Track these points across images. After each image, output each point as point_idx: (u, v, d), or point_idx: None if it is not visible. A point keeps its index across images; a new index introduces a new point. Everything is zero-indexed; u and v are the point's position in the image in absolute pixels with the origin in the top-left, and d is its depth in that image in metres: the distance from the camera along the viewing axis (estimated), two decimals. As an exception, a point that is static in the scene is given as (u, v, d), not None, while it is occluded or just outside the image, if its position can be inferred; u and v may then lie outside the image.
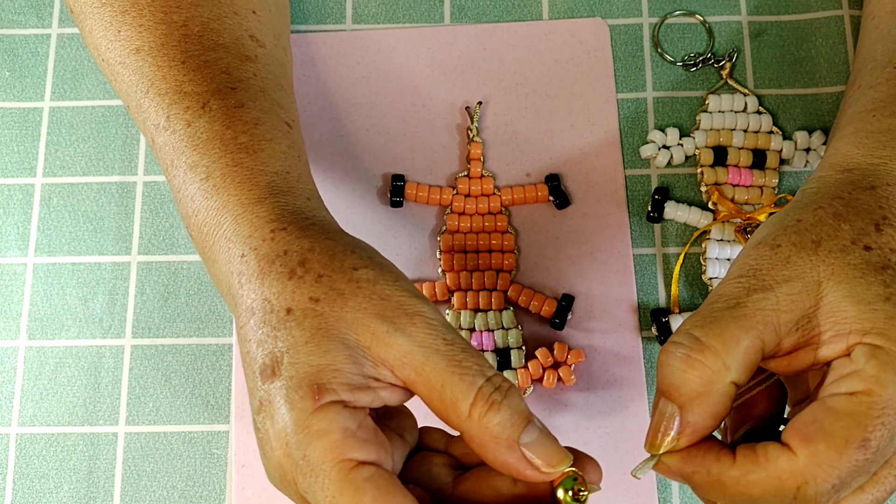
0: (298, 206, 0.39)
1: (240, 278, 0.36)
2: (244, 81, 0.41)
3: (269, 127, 0.41)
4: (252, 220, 0.37)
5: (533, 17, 0.55)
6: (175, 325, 0.51)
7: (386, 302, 0.35)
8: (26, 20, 0.56)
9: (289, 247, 0.36)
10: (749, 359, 0.34)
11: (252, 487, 0.48)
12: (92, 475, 0.49)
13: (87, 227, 0.52)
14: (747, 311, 0.34)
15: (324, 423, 0.33)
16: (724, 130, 0.53)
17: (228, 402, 0.50)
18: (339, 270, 0.35)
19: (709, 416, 0.34)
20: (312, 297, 0.35)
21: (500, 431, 0.33)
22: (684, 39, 0.55)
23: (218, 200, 0.39)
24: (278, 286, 0.35)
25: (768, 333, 0.34)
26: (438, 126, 0.53)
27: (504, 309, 0.50)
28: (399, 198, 0.51)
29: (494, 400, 0.33)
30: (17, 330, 0.51)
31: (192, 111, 0.40)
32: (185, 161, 0.40)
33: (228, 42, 0.42)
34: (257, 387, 0.35)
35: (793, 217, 0.37)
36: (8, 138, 0.54)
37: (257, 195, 0.38)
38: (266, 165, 0.39)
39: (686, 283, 0.51)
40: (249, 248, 0.37)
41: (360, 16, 0.55)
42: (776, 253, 0.36)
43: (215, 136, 0.40)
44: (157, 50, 0.42)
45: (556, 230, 0.51)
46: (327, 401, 0.33)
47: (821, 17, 0.55)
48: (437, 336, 0.34)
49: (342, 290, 0.35)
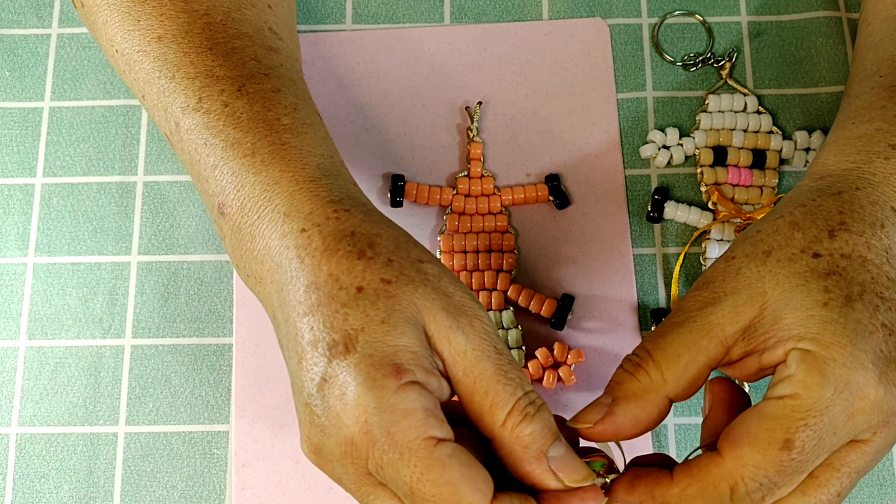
0: (351, 190, 0.39)
1: (299, 252, 0.36)
2: (274, 69, 0.41)
3: (308, 112, 0.41)
4: (311, 197, 0.37)
5: (533, 17, 0.55)
6: (175, 325, 0.51)
7: (450, 299, 0.35)
8: (26, 20, 0.56)
9: (356, 228, 0.36)
10: (690, 373, 0.36)
11: (252, 487, 0.48)
12: (92, 475, 0.49)
13: (87, 227, 0.52)
14: (694, 326, 0.36)
15: (407, 403, 0.33)
16: (723, 130, 0.53)
17: (228, 402, 0.50)
18: (407, 259, 0.36)
19: (632, 416, 0.36)
20: (384, 279, 0.35)
21: (531, 442, 0.34)
22: (684, 39, 0.55)
23: (268, 175, 0.38)
24: (347, 264, 0.35)
25: (713, 347, 0.36)
26: (438, 126, 0.53)
27: (504, 309, 0.50)
28: (399, 198, 0.51)
29: (528, 412, 0.34)
30: (17, 330, 0.51)
31: (228, 93, 0.40)
32: (225, 138, 0.39)
33: (251, 32, 0.42)
34: (318, 364, 0.34)
35: (754, 228, 0.39)
36: (8, 138, 0.54)
37: (310, 174, 0.38)
38: (312, 147, 0.39)
39: (686, 283, 0.51)
40: (312, 224, 0.37)
41: (360, 16, 0.55)
42: (729, 265, 0.37)
43: (257, 116, 0.39)
44: (182, 37, 0.41)
45: (556, 230, 0.51)
46: (407, 380, 0.34)
47: (820, 17, 0.55)
48: (490, 343, 0.35)
49: (412, 276, 0.35)
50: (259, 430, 0.49)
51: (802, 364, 0.34)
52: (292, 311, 0.36)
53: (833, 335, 0.34)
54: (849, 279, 0.35)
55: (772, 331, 0.35)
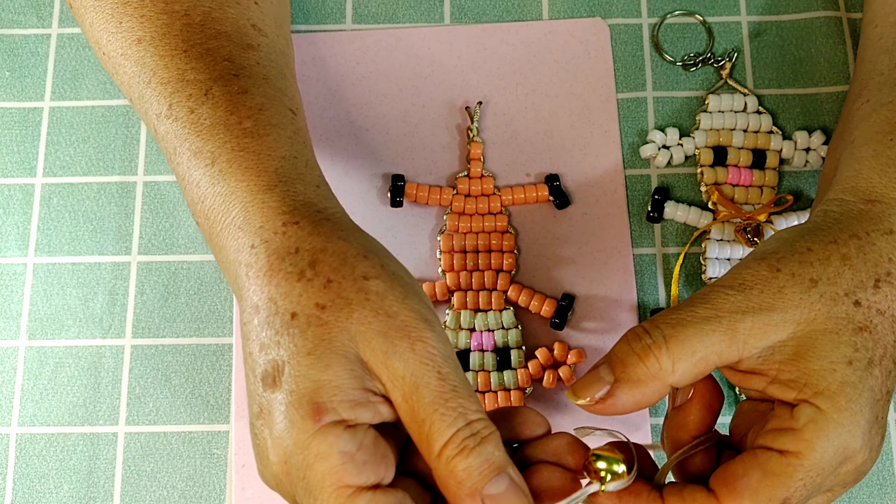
0: (309, 195, 0.38)
1: (248, 270, 0.36)
2: (247, 68, 0.41)
3: (274, 112, 0.40)
4: (262, 209, 0.37)
5: (533, 17, 0.55)
6: (175, 325, 0.51)
7: (391, 320, 0.34)
8: (26, 20, 0.56)
9: (301, 244, 0.35)
10: (698, 368, 0.36)
11: (252, 487, 0.48)
12: (92, 475, 0.49)
13: (87, 227, 0.52)
14: (720, 327, 0.35)
15: (323, 447, 0.33)
16: (723, 130, 0.53)
17: (228, 402, 0.50)
18: (350, 277, 0.35)
19: (632, 400, 0.36)
20: (319, 304, 0.34)
21: (465, 478, 0.33)
22: (684, 39, 0.55)
23: (225, 186, 0.38)
24: (286, 286, 0.35)
25: (731, 353, 0.36)
26: (438, 126, 0.53)
27: (504, 309, 0.50)
28: (399, 198, 0.51)
29: (466, 446, 0.33)
30: (17, 330, 0.51)
31: (195, 98, 0.40)
32: (189, 147, 0.39)
33: (230, 30, 0.42)
34: (257, 392, 0.35)
35: (804, 244, 0.37)
36: (8, 138, 0.54)
37: (266, 182, 0.38)
38: (273, 150, 0.39)
39: (686, 283, 0.51)
40: (260, 241, 0.36)
41: (360, 16, 0.55)
42: (774, 277, 0.36)
43: (219, 122, 0.39)
44: (159, 40, 0.41)
45: (556, 230, 0.51)
46: (328, 421, 0.33)
47: (820, 17, 0.55)
48: (432, 368, 0.34)
49: (350, 299, 0.34)
50: (259, 430, 0.49)
51: (812, 424, 0.34)
52: (243, 331, 0.36)
53: (848, 400, 0.34)
54: (876, 339, 0.35)
55: (790, 366, 0.35)
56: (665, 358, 0.35)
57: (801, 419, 0.34)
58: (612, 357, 0.36)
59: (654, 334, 0.36)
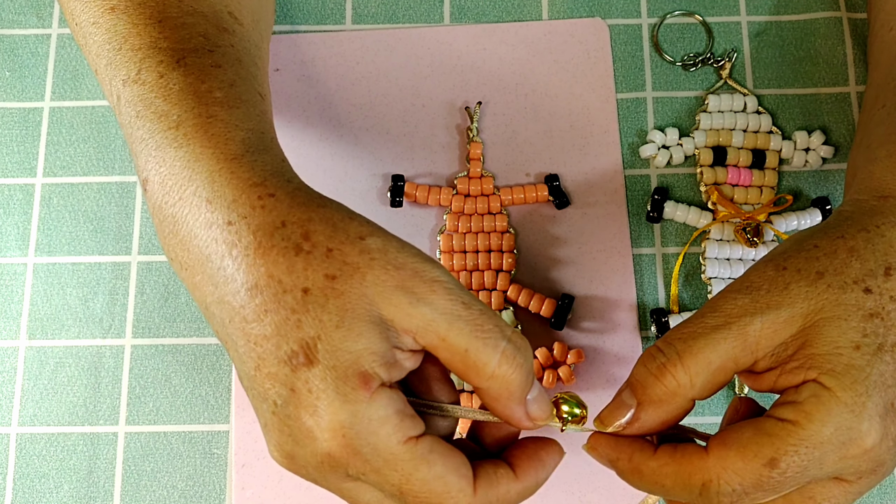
0: (277, 166, 0.37)
1: (230, 249, 0.34)
2: (221, 48, 0.40)
3: (246, 90, 0.39)
4: (232, 180, 0.35)
5: (533, 17, 0.55)
6: (175, 325, 0.51)
7: (402, 271, 0.34)
8: (26, 20, 0.56)
9: (286, 217, 0.34)
10: (717, 378, 0.36)
11: (252, 487, 0.48)
12: (92, 475, 0.49)
13: (87, 227, 0.52)
14: (730, 334, 0.36)
15: (381, 411, 0.33)
16: (723, 130, 0.53)
17: (228, 402, 0.50)
18: (347, 242, 0.34)
19: (658, 420, 0.36)
20: (328, 275, 0.33)
21: (516, 389, 0.35)
22: (684, 39, 0.55)
23: (189, 151, 0.36)
24: (285, 262, 0.34)
25: (745, 357, 0.36)
26: (438, 126, 0.53)
27: (504, 309, 0.50)
28: (399, 198, 0.51)
29: (516, 360, 0.35)
30: (17, 330, 0.51)
31: (166, 64, 0.38)
32: (154, 111, 0.37)
33: (207, 11, 0.41)
34: (283, 374, 0.34)
35: (811, 241, 0.37)
36: (8, 138, 0.54)
37: (233, 150, 0.36)
38: (242, 122, 0.37)
39: (685, 282, 0.51)
40: (238, 216, 0.34)
41: (360, 16, 0.55)
42: (780, 275, 0.36)
43: (189, 88, 0.38)
44: (133, 9, 0.40)
45: (556, 230, 0.52)
46: (376, 387, 0.33)
47: (820, 17, 0.55)
48: (456, 301, 0.34)
49: (357, 264, 0.34)
50: (259, 429, 0.49)
51: (813, 398, 0.34)
52: (235, 315, 0.34)
53: (853, 381, 0.34)
54: (888, 326, 0.35)
55: (799, 355, 0.35)
56: (682, 374, 0.36)
57: (804, 393, 0.34)
58: (631, 381, 0.37)
59: (668, 352, 0.36)
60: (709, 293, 0.50)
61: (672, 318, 0.49)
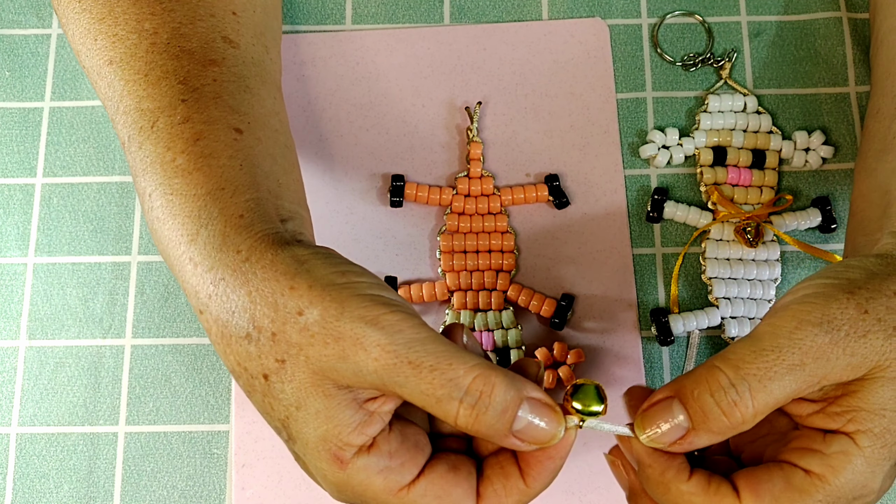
0: (228, 233, 0.37)
1: (209, 335, 0.37)
2: (199, 90, 0.41)
3: (210, 140, 0.39)
4: (189, 266, 0.37)
5: (533, 17, 0.55)
6: (175, 325, 0.51)
7: (341, 342, 0.33)
8: (26, 20, 0.56)
9: (234, 304, 0.35)
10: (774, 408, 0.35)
11: (252, 487, 0.48)
12: (92, 475, 0.49)
13: (87, 227, 0.52)
14: (804, 373, 0.35)
15: (362, 477, 0.35)
16: (723, 130, 0.53)
17: (228, 402, 0.50)
18: (288, 321, 0.34)
19: (709, 443, 0.36)
20: (278, 360, 0.34)
21: (490, 433, 0.34)
22: (683, 39, 0.55)
23: (162, 234, 0.38)
24: (243, 352, 0.35)
25: (804, 391, 0.35)
26: (438, 126, 0.53)
27: (504, 309, 0.50)
28: (399, 198, 0.51)
29: (477, 412, 0.33)
30: (17, 330, 0.51)
31: (144, 132, 0.40)
32: (139, 185, 0.40)
33: (195, 47, 0.42)
34: (285, 441, 0.37)
35: (893, 286, 0.36)
36: (8, 138, 0.54)
37: (189, 231, 0.37)
38: (198, 187, 0.38)
39: (686, 282, 0.51)
40: (201, 306, 0.36)
41: (360, 16, 0.55)
42: (861, 319, 0.35)
43: (157, 160, 0.39)
44: (126, 62, 0.41)
45: (556, 230, 0.52)
46: (350, 457, 0.34)
47: (820, 17, 0.55)
48: (400, 362, 0.33)
49: (299, 344, 0.34)
50: (259, 430, 0.49)
51: (843, 455, 0.35)
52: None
53: (883, 445, 0.35)
54: None
55: (845, 402, 0.36)
56: (751, 412, 0.34)
57: (833, 446, 0.35)
58: (689, 401, 0.35)
59: (741, 389, 0.34)
60: (709, 293, 0.50)
61: (672, 318, 0.49)
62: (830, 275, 0.37)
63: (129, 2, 0.42)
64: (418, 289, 0.50)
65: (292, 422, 0.35)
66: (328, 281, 0.35)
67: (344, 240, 0.51)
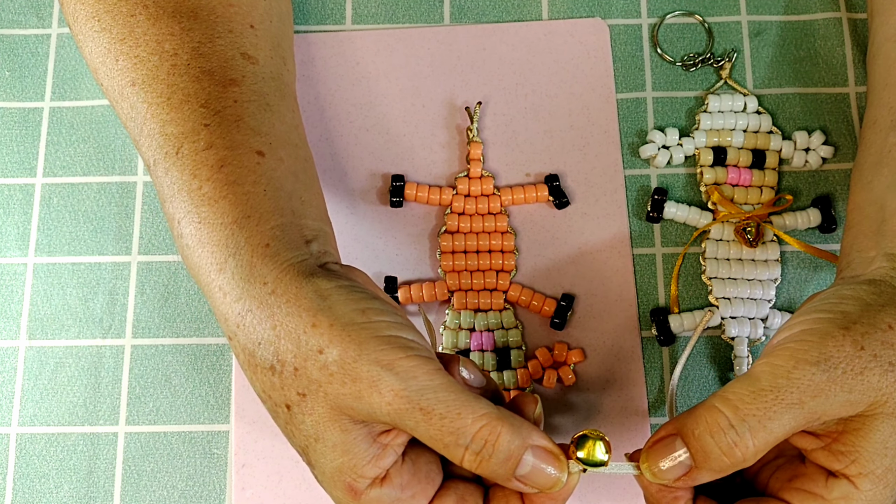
0: (255, 263, 0.38)
1: (237, 360, 0.39)
2: (220, 112, 0.41)
3: (234, 167, 0.40)
4: (219, 296, 0.38)
5: (533, 17, 0.55)
6: (175, 325, 0.51)
7: (358, 384, 0.35)
8: (26, 20, 0.56)
9: (260, 336, 0.37)
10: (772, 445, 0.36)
11: (252, 487, 0.48)
12: (92, 475, 0.49)
13: (87, 227, 0.52)
14: (802, 412, 0.35)
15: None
16: (723, 130, 0.53)
17: (228, 402, 0.50)
18: (309, 358, 0.36)
19: (711, 479, 0.36)
20: (300, 393, 0.36)
21: (495, 477, 0.36)
22: (683, 39, 0.55)
23: (192, 261, 0.39)
24: (268, 382, 0.37)
25: (803, 427, 0.36)
26: (438, 126, 0.53)
27: (504, 309, 0.50)
28: (399, 198, 0.51)
29: (481, 459, 0.35)
30: (17, 330, 0.51)
31: (169, 157, 0.41)
32: (167, 209, 0.41)
33: (215, 67, 0.42)
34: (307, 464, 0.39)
35: (886, 319, 0.37)
36: (8, 138, 0.54)
37: (218, 260, 0.38)
38: (225, 216, 0.39)
39: (686, 282, 0.51)
40: (231, 334, 0.38)
41: (360, 16, 0.55)
42: (857, 356, 0.36)
43: (183, 187, 0.40)
44: (149, 84, 0.42)
45: (556, 230, 0.52)
46: (363, 488, 0.36)
47: (820, 17, 0.55)
48: (412, 408, 0.35)
49: (319, 380, 0.36)
50: (259, 430, 0.49)
51: (843, 501, 0.36)
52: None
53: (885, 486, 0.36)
54: None
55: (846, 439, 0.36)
56: (750, 451, 0.35)
57: (835, 492, 0.36)
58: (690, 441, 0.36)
59: (740, 430, 0.35)
60: (709, 293, 0.50)
61: (672, 318, 0.49)
62: (825, 308, 0.38)
63: (148, 22, 0.42)
64: (418, 289, 0.50)
65: (311, 451, 0.37)
66: (348, 320, 0.36)
67: (344, 240, 0.51)
